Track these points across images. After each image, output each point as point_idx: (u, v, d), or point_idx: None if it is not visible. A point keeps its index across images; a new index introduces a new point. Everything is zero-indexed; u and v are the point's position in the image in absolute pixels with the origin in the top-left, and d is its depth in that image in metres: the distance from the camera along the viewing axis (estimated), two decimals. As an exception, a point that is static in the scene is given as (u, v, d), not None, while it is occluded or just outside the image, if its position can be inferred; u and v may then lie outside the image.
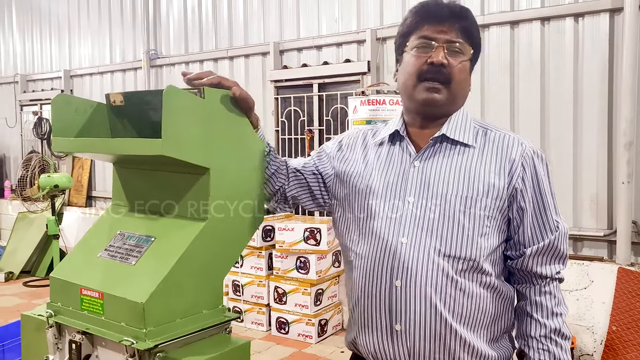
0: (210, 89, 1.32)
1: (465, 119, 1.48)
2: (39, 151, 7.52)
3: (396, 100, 4.56)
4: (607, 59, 3.79)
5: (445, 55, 1.39)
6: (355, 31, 4.91)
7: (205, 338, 1.33)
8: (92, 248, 1.42)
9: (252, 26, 5.63)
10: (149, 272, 1.27)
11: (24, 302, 5.89)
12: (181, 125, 1.23)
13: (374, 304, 1.40)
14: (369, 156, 1.53)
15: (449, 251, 1.36)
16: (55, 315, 1.36)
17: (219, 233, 1.35)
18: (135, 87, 6.65)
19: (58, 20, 7.47)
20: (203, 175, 1.33)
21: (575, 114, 3.94)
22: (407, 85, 1.44)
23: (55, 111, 1.41)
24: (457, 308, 1.36)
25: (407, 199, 1.41)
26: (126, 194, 1.49)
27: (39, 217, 7.02)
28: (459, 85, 1.43)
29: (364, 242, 1.45)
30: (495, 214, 1.39)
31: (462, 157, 1.42)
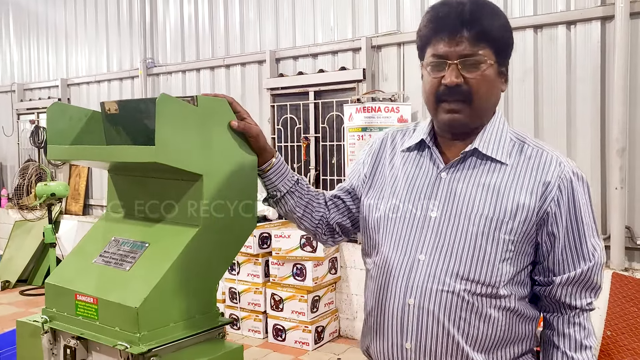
0: (203, 96, 1.34)
1: (501, 130, 1.37)
2: (36, 160, 7.53)
3: (391, 107, 4.60)
4: (599, 66, 3.83)
5: (460, 72, 1.28)
6: (350, 39, 4.95)
7: (198, 343, 1.34)
8: (87, 254, 1.44)
9: (249, 34, 5.67)
10: (143, 278, 1.29)
11: (21, 311, 5.88)
12: (174, 132, 1.26)
13: (386, 318, 1.35)
14: (396, 162, 1.47)
15: (467, 274, 1.28)
16: (50, 321, 1.38)
17: (211, 239, 1.37)
18: (132, 95, 6.67)
19: (55, 28, 7.50)
20: (196, 181, 1.35)
21: (568, 120, 3.97)
22: (428, 105, 1.37)
23: (50, 119, 1.43)
24: (472, 331, 1.29)
25: (430, 213, 1.34)
26: (120, 201, 1.51)
27: (36, 226, 7.01)
28: (483, 98, 1.31)
29: (381, 253, 1.39)
30: (521, 238, 1.30)
31: (493, 174, 1.33)
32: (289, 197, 1.52)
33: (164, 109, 1.23)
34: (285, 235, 4.62)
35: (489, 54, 1.29)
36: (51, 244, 5.39)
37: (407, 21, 4.68)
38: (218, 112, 1.38)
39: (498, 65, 1.32)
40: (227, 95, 1.42)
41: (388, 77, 4.80)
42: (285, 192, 1.51)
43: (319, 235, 1.59)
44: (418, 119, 4.65)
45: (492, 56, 1.30)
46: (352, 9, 4.96)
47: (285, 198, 1.51)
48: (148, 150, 1.22)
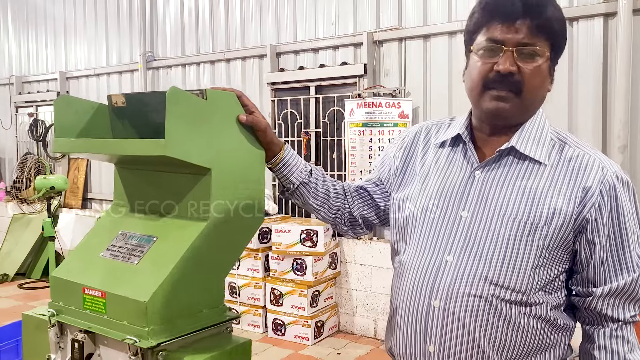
0: (212, 90, 1.33)
1: (542, 129, 1.31)
2: (35, 153, 7.50)
3: (393, 103, 4.60)
4: (602, 63, 3.82)
5: (515, 60, 1.21)
6: (352, 34, 4.93)
7: (206, 337, 1.34)
8: (94, 248, 1.43)
9: (249, 29, 5.65)
10: (151, 272, 1.28)
11: (20, 304, 5.88)
12: (184, 126, 1.25)
13: (411, 320, 1.32)
14: (428, 157, 1.42)
15: (497, 279, 1.23)
16: (57, 315, 1.37)
17: (219, 233, 1.36)
18: (131, 89, 6.64)
19: (54, 21, 7.46)
20: (204, 175, 1.34)
21: (570, 117, 3.97)
22: (473, 92, 1.29)
23: (57, 112, 1.42)
24: (500, 338, 1.24)
25: (461, 212, 1.29)
26: (127, 194, 1.51)
27: (34, 219, 7.00)
28: (532, 92, 1.25)
29: (409, 251, 1.35)
30: (556, 244, 1.24)
31: (530, 176, 1.26)
32: (303, 188, 1.50)
33: (174, 103, 1.22)
34: (285, 230, 4.62)
35: (547, 47, 1.23)
36: (50, 238, 5.37)
37: (409, 17, 4.67)
38: (226, 105, 1.37)
39: (551, 62, 1.27)
40: (236, 89, 1.41)
41: (389, 73, 4.79)
42: (298, 183, 1.49)
43: (338, 225, 1.57)
44: (419, 115, 4.65)
45: (549, 50, 1.24)
46: (353, 3, 4.94)
47: (299, 190, 1.49)
48: (157, 144, 1.21)
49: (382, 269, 4.71)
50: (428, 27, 4.55)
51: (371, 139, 4.64)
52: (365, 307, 4.83)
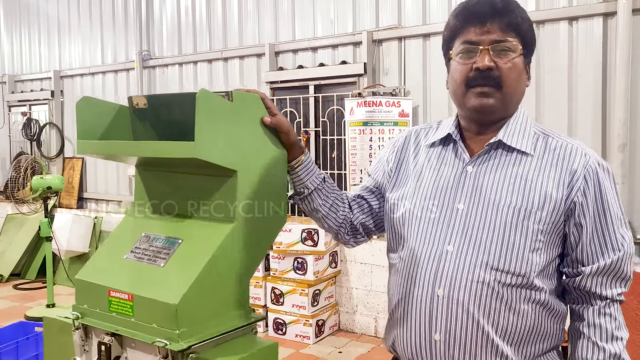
0: (238, 92, 1.33)
1: (525, 123, 1.39)
2: (29, 152, 7.44)
3: (392, 102, 4.61)
4: (601, 62, 3.85)
5: (492, 57, 1.30)
6: (351, 33, 4.93)
7: (233, 339, 1.34)
8: (117, 250, 1.43)
9: (247, 27, 5.63)
10: (180, 274, 1.28)
11: (16, 305, 5.83)
12: (212, 128, 1.25)
13: (414, 310, 1.36)
14: (420, 157, 1.48)
15: (497, 264, 1.29)
16: (82, 318, 1.37)
17: (245, 234, 1.36)
18: (127, 88, 6.60)
19: (47, 19, 7.39)
20: (230, 177, 1.34)
21: (569, 116, 4.00)
22: (457, 94, 1.38)
23: (79, 114, 1.41)
24: (503, 323, 1.29)
25: (457, 205, 1.35)
26: (149, 196, 1.50)
27: (29, 219, 6.94)
28: (511, 85, 1.33)
29: (407, 246, 1.40)
30: (549, 228, 1.31)
31: (519, 166, 1.34)
32: (316, 194, 1.53)
33: (204, 105, 1.22)
34: (286, 229, 4.62)
35: (518, 44, 1.32)
36: (47, 238, 5.32)
37: (409, 16, 4.68)
38: (251, 107, 1.37)
39: (524, 57, 1.35)
40: (259, 91, 1.41)
41: (389, 72, 4.80)
42: (312, 189, 1.52)
43: (341, 235, 1.60)
44: (419, 114, 4.67)
45: (520, 46, 1.33)
46: (352, 2, 4.94)
47: (312, 195, 1.52)
48: (187, 146, 1.21)
49: (383, 267, 4.73)
50: (427, 26, 4.56)
51: (371, 137, 4.65)
52: (365, 306, 4.84)
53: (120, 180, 6.75)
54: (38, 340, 4.02)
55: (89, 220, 6.56)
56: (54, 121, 7.23)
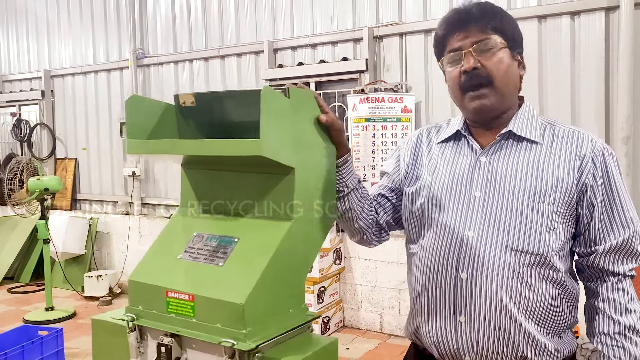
0: (294, 88, 1.33)
1: (532, 116, 1.48)
2: (19, 154, 7.31)
3: (395, 98, 4.62)
4: (603, 56, 3.90)
5: (475, 58, 1.40)
6: (351, 29, 4.93)
7: (293, 337, 1.33)
8: (169, 250, 1.41)
9: (244, 24, 5.59)
10: (242, 273, 1.27)
11: (13, 309, 5.73)
12: (275, 125, 1.24)
13: (439, 294, 1.43)
14: (433, 153, 1.56)
15: (517, 245, 1.36)
16: (137, 319, 1.35)
17: (301, 232, 1.36)
18: (121, 87, 6.52)
19: (36, 17, 7.25)
20: (287, 175, 1.33)
21: (572, 110, 4.04)
22: (456, 100, 1.49)
23: (129, 112, 1.39)
24: (523, 302, 1.37)
25: (474, 193, 1.43)
26: (198, 196, 1.48)
27: (21, 222, 6.81)
28: (502, 79, 1.41)
29: (428, 235, 1.47)
30: (564, 209, 1.38)
31: (530, 153, 1.43)
32: (354, 194, 1.55)
33: (268, 102, 1.21)
34: (290, 227, 4.59)
35: (498, 39, 1.41)
36: (45, 240, 5.24)
37: (409, 11, 4.69)
38: (306, 104, 1.37)
39: (511, 50, 1.43)
40: (310, 89, 1.41)
41: (390, 68, 4.80)
42: (352, 188, 1.55)
43: (367, 235, 1.63)
44: (422, 110, 4.69)
45: (502, 40, 1.41)
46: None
47: (350, 195, 1.55)
48: (252, 144, 1.20)
49: (387, 263, 4.75)
50: (429, 22, 4.57)
51: (374, 134, 4.66)
52: (370, 302, 4.85)
53: (115, 180, 6.67)
54: (43, 344, 3.96)
55: (84, 221, 6.47)
56: (44, 121, 7.11)
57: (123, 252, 6.38)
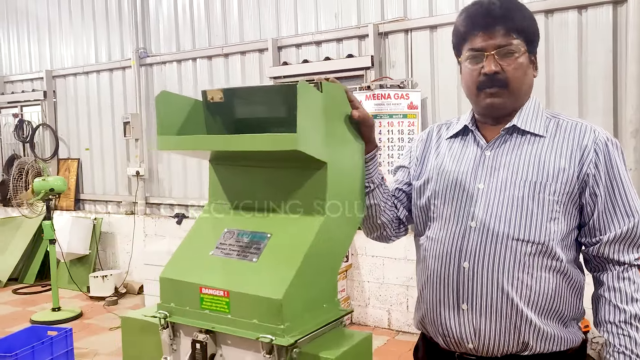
0: (326, 83, 1.32)
1: (537, 110, 1.51)
2: (21, 155, 7.29)
3: (401, 94, 4.61)
4: (611, 50, 3.90)
5: (497, 61, 1.42)
6: (356, 26, 4.92)
7: (326, 332, 1.33)
8: (200, 247, 1.40)
9: (248, 22, 5.58)
10: (277, 269, 1.26)
11: (18, 310, 5.72)
12: (310, 119, 1.23)
13: (443, 284, 1.47)
14: (441, 148, 1.60)
15: (518, 235, 1.39)
16: (170, 316, 1.34)
17: (334, 227, 1.36)
18: (124, 87, 6.50)
19: (37, 17, 7.23)
20: (319, 170, 1.33)
21: (580, 104, 4.04)
22: (470, 94, 1.51)
23: (159, 109, 1.38)
24: (525, 291, 1.40)
25: (478, 185, 1.46)
26: (227, 192, 1.48)
27: (24, 222, 6.80)
28: (518, 83, 1.45)
29: (434, 227, 1.52)
30: (565, 199, 1.41)
31: (533, 146, 1.45)
32: (378, 190, 1.57)
33: (304, 96, 1.20)
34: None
35: (521, 44, 1.43)
36: (51, 241, 5.23)
37: (414, 8, 4.68)
38: (337, 99, 1.36)
39: (529, 54, 1.46)
40: (340, 83, 1.41)
41: (396, 64, 4.80)
42: (377, 184, 1.56)
43: (388, 230, 1.65)
44: (428, 106, 4.68)
45: (524, 45, 1.43)
46: (357, -5, 4.93)
47: (376, 191, 1.56)
48: (289, 139, 1.19)
49: (394, 259, 4.75)
50: (434, 17, 4.57)
51: (380, 130, 4.65)
52: (378, 299, 4.86)
53: (119, 180, 6.66)
54: (53, 345, 3.95)
55: (88, 221, 6.45)
56: (47, 122, 7.08)
57: (128, 252, 6.37)
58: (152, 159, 6.35)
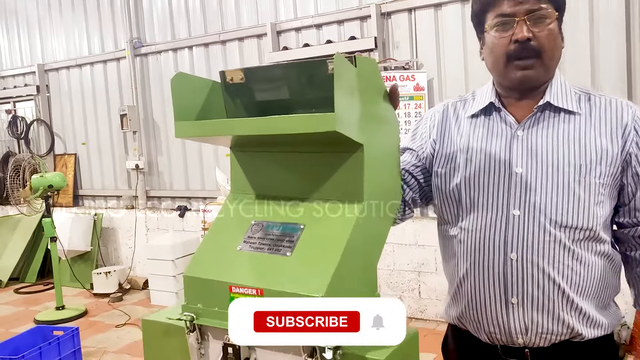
0: (360, 56, 1.20)
1: (566, 86, 1.42)
2: (16, 151, 7.14)
3: (407, 75, 4.49)
4: (624, 30, 3.78)
5: (529, 27, 1.32)
6: (357, 7, 4.78)
7: (369, 329, 1.22)
8: (226, 242, 1.28)
9: (245, 7, 5.42)
10: (314, 263, 1.15)
11: (21, 310, 5.61)
12: (346, 98, 1.11)
13: (486, 277, 1.39)
14: (463, 129, 1.48)
15: (565, 222, 1.33)
16: (197, 318, 1.23)
17: (372, 215, 1.24)
18: (119, 78, 6.34)
19: (26, 10, 7.02)
20: (354, 153, 1.20)
21: (592, 82, 3.93)
22: (498, 67, 1.39)
23: (175, 92, 1.25)
24: (575, 278, 1.34)
25: (515, 169, 1.36)
26: (251, 180, 1.36)
27: (22, 221, 6.68)
28: (551, 52, 1.35)
29: (469, 217, 1.42)
30: (610, 181, 1.35)
31: (569, 125, 1.37)
32: None
33: (341, 71, 1.08)
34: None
35: (551, 8, 1.34)
36: (52, 238, 5.11)
37: (418, -15, 4.55)
38: (371, 74, 1.24)
39: (558, 22, 1.37)
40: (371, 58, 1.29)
41: (400, 45, 4.67)
42: None
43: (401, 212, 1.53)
44: (434, 87, 4.56)
45: (555, 15, 1.35)
46: (357, -25, 4.79)
47: None
48: (326, 119, 1.06)
49: (404, 245, 4.65)
50: (439, -5, 4.44)
51: (387, 114, 4.53)
52: (389, 285, 4.76)
53: (118, 174, 6.52)
54: (60, 345, 3.86)
55: (88, 217, 6.33)
56: (41, 117, 6.93)
57: (130, 247, 6.26)
58: (151, 151, 6.22)
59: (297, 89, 1.31)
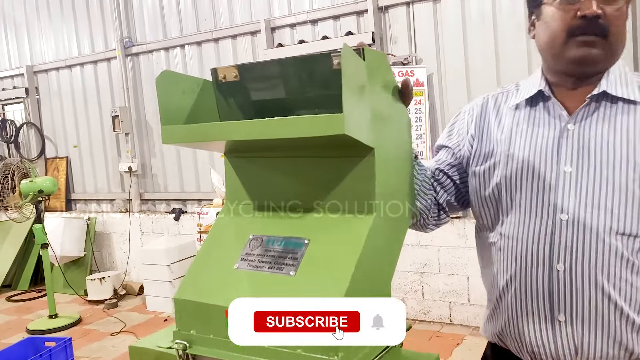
0: (369, 48, 1.07)
1: (624, 72, 1.25)
2: (6, 156, 6.97)
3: (406, 71, 4.35)
4: (631, 19, 3.66)
5: (599, 3, 1.15)
6: (353, 2, 4.64)
7: (384, 356, 1.09)
8: (221, 259, 1.15)
9: (238, 3, 5.27)
10: (322, 284, 1.02)
11: (13, 319, 5.45)
12: (355, 96, 0.98)
13: (530, 290, 1.23)
14: (505, 122, 1.32)
15: (624, 229, 1.16)
16: (190, 347, 1.09)
17: (385, 227, 1.11)
18: (109, 78, 6.18)
19: (13, 11, 6.85)
20: (364, 157, 1.07)
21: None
22: (555, 43, 1.21)
23: (161, 93, 1.12)
24: (634, 294, 1.17)
25: (563, 168, 1.20)
26: (247, 190, 1.22)
27: (13, 227, 6.51)
28: (618, 36, 1.19)
29: (510, 221, 1.26)
30: None
31: (629, 117, 1.19)
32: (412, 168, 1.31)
33: (349, 66, 0.95)
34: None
35: None
36: (43, 245, 4.96)
37: (415, -22, 4.41)
38: (381, 68, 1.11)
39: (626, 4, 1.20)
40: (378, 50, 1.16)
41: (398, 40, 4.53)
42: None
43: (424, 218, 1.38)
44: (434, 82, 4.42)
45: None
46: (352, -32, 4.65)
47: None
48: (334, 121, 0.93)
49: (406, 245, 4.52)
50: (437, -12, 4.30)
51: (386, 111, 4.40)
52: (392, 287, 4.61)
53: (111, 177, 6.37)
54: (52, 357, 3.71)
55: (81, 222, 6.18)
56: (31, 120, 6.76)
57: (125, 251, 6.11)
58: (144, 153, 6.07)
59: (296, 86, 1.17)
